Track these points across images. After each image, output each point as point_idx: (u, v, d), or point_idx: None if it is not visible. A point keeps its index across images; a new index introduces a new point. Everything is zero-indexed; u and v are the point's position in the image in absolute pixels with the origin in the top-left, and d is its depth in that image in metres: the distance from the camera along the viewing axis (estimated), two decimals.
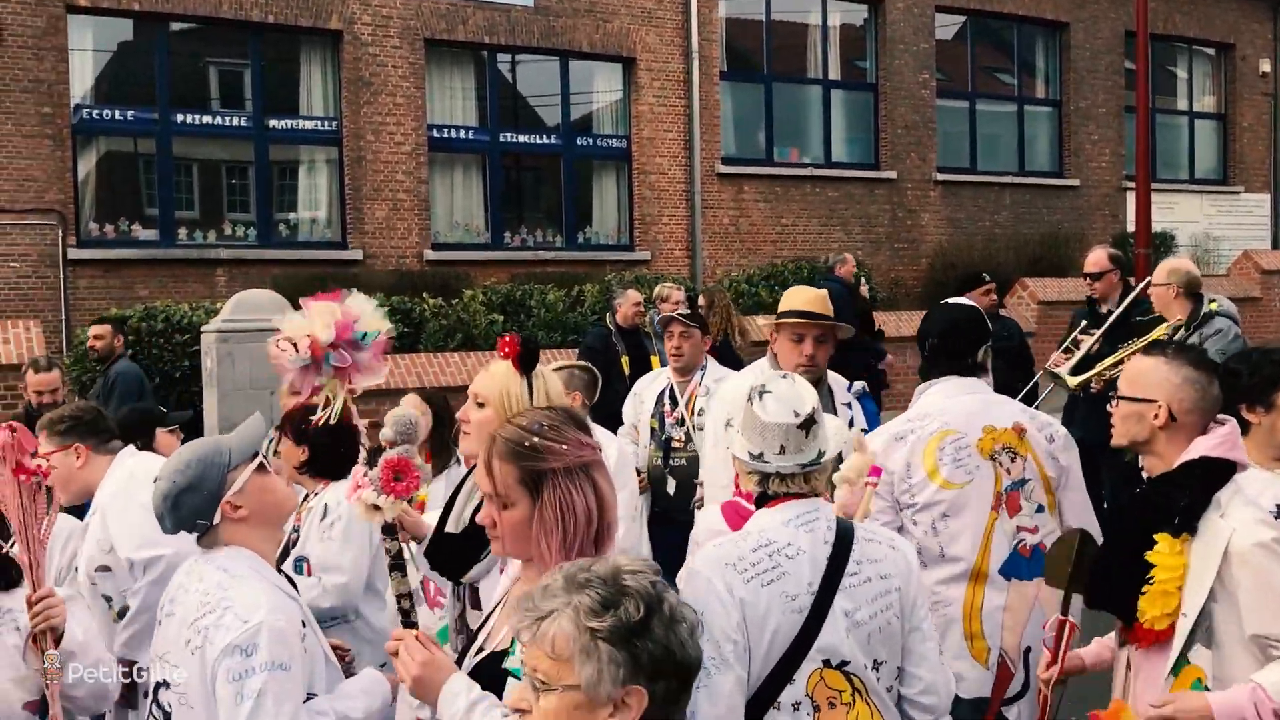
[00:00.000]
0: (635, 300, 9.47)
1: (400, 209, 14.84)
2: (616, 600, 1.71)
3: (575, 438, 2.32)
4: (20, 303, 12.70)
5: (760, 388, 2.72)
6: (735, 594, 2.53)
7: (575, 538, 2.26)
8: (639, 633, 1.69)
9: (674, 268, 16.19)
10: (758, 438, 2.67)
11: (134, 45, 14.10)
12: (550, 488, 2.26)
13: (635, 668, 1.68)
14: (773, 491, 2.69)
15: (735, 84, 17.26)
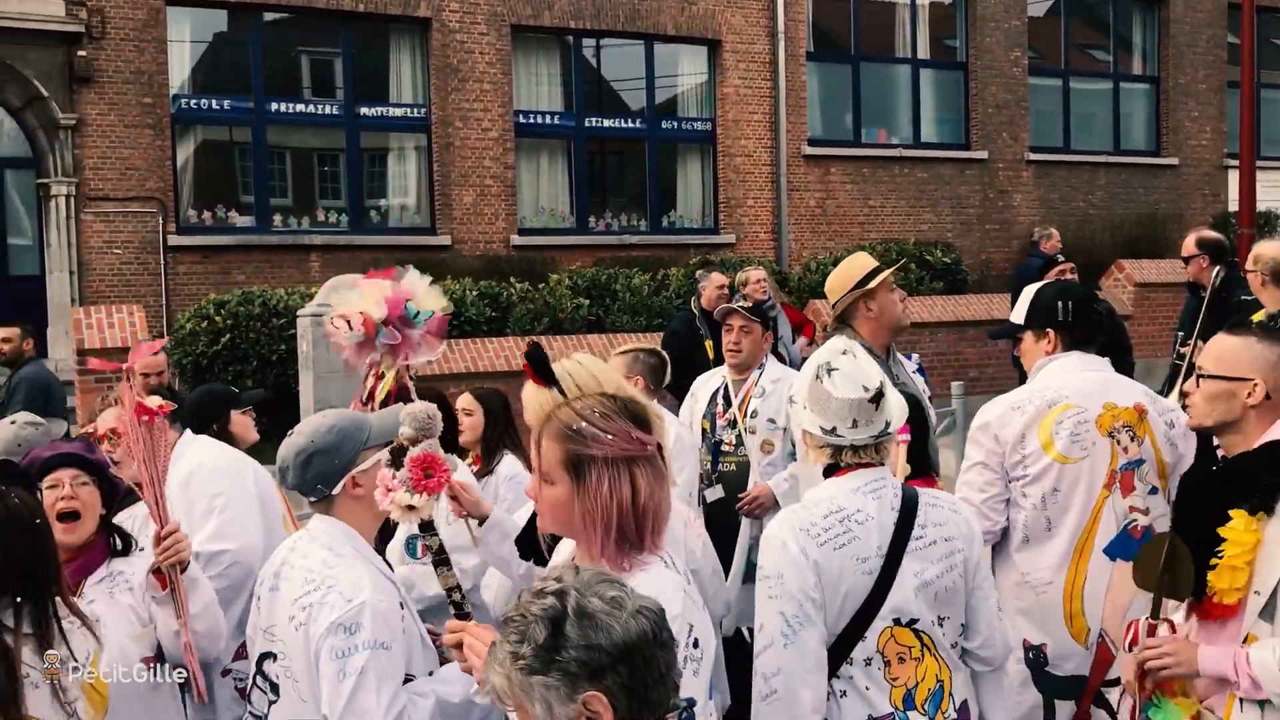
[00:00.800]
0: (719, 283, 9.36)
1: (487, 195, 14.98)
2: (524, 631, 1.70)
3: (624, 429, 2.32)
4: (124, 288, 13.11)
5: (826, 365, 2.83)
6: (810, 557, 2.68)
7: (614, 528, 2.28)
8: (555, 648, 1.68)
9: (759, 251, 16.10)
10: (830, 413, 2.79)
11: (229, 36, 14.43)
12: (592, 475, 2.29)
13: (572, 679, 1.67)
14: (845, 463, 2.82)
15: (822, 64, 17.09)
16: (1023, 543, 3.55)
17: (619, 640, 1.68)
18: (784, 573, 2.68)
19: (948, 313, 13.83)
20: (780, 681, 2.66)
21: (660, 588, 2.22)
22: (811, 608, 2.68)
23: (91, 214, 13.09)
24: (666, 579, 2.27)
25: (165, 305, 13.22)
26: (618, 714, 1.67)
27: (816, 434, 2.82)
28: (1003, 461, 3.55)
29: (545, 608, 1.71)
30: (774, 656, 2.68)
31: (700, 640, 2.24)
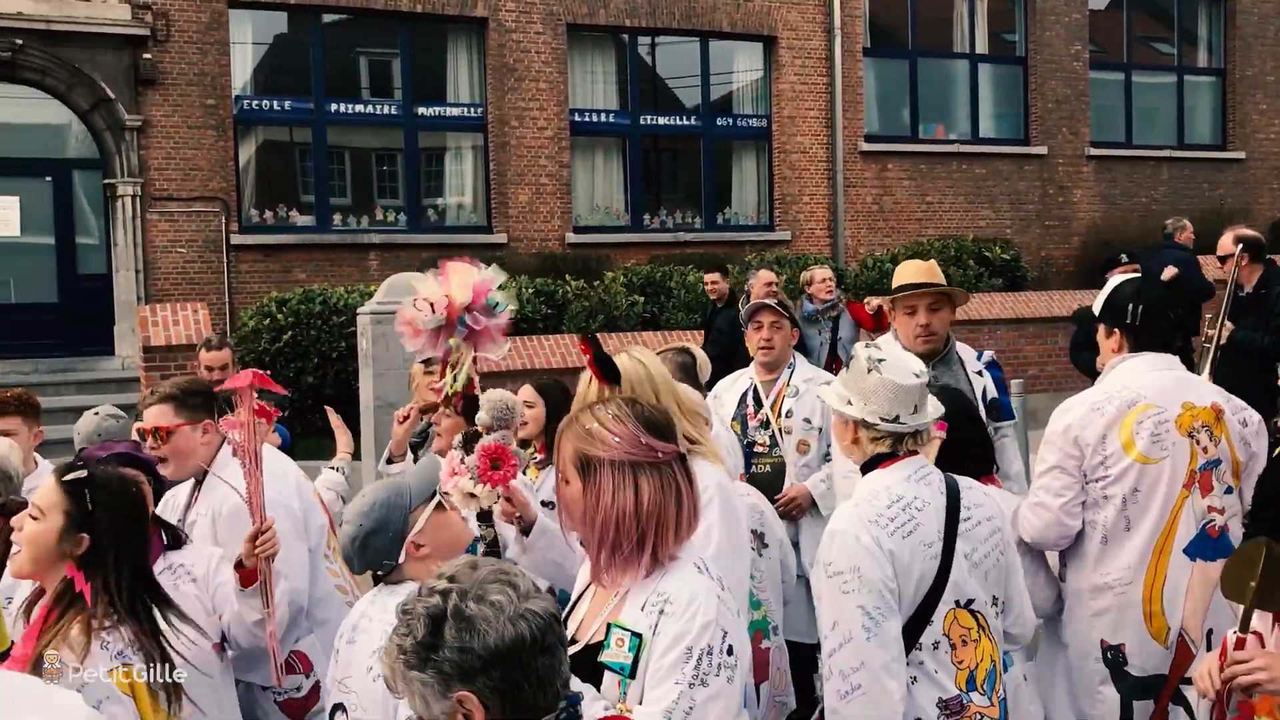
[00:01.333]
0: (766, 280, 9.26)
1: (543, 193, 15.05)
2: (410, 626, 1.74)
3: (632, 434, 2.31)
4: (188, 286, 13.35)
5: (873, 358, 2.89)
6: (884, 547, 2.70)
7: (610, 532, 2.28)
8: (431, 647, 1.72)
9: (815, 247, 16.02)
10: (890, 401, 2.83)
11: (289, 37, 14.63)
12: (598, 476, 2.30)
13: (445, 679, 1.71)
14: (904, 450, 2.87)
15: (878, 60, 16.96)
16: (1101, 544, 3.50)
17: (492, 645, 1.71)
18: (860, 566, 2.69)
19: (1007, 310, 13.67)
20: (864, 676, 2.64)
21: (693, 592, 2.21)
22: (891, 598, 2.69)
23: (156, 214, 13.34)
24: (699, 584, 2.25)
25: (228, 303, 13.45)
26: (490, 714, 1.71)
27: (878, 424, 2.84)
28: (1081, 464, 3.51)
29: (429, 606, 1.74)
30: (854, 652, 2.65)
31: (735, 647, 2.21)
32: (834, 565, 2.73)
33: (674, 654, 2.15)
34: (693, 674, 2.13)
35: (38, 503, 2.74)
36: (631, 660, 2.19)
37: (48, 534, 2.72)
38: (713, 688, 2.14)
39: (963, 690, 2.76)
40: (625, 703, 2.18)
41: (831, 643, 2.71)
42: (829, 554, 2.75)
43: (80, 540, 2.72)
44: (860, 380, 2.87)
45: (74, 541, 2.72)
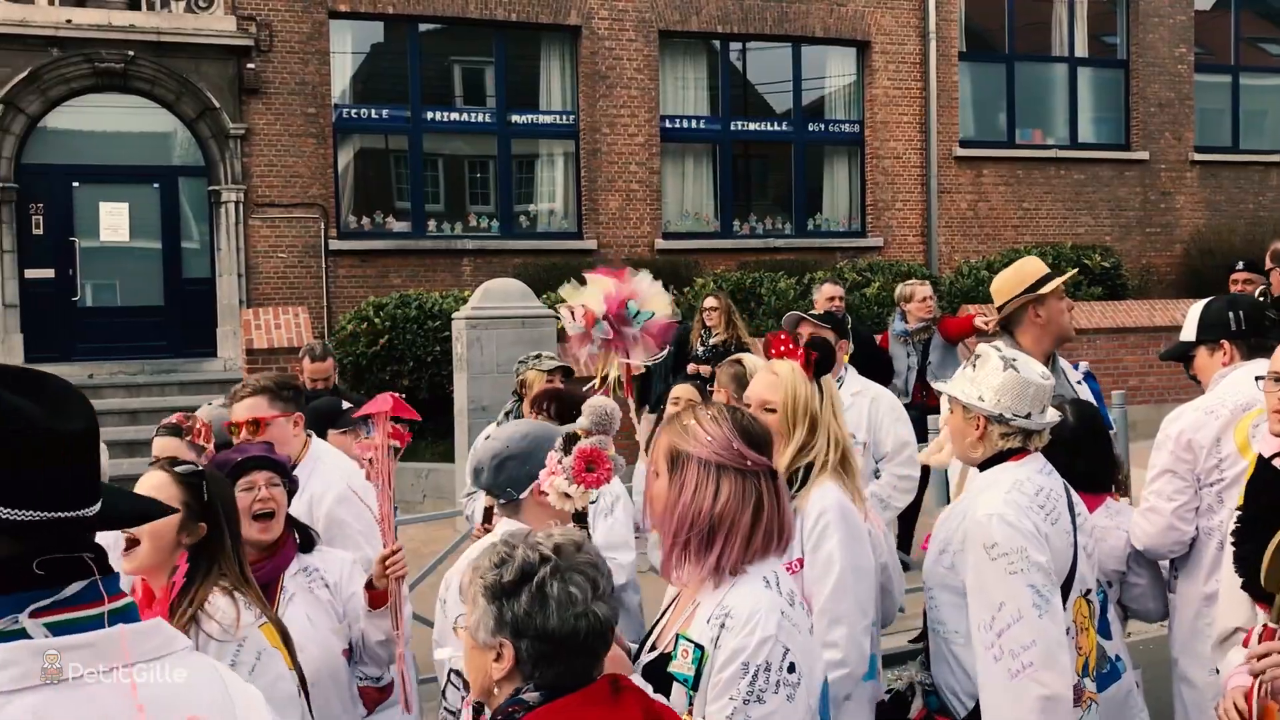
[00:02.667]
0: (829, 294, 8.95)
1: (633, 199, 15.11)
2: (503, 562, 1.93)
3: (725, 437, 2.32)
4: (288, 291, 13.66)
5: (1010, 358, 2.98)
6: (1041, 531, 2.80)
7: (682, 526, 2.28)
8: (508, 593, 1.90)
9: (907, 254, 15.83)
10: (1023, 399, 2.93)
11: (385, 46, 14.89)
12: (683, 470, 2.31)
13: (501, 624, 1.90)
14: (1033, 447, 2.98)
15: (974, 64, 16.71)
16: (1218, 549, 3.42)
17: (551, 628, 1.88)
18: (1024, 546, 2.76)
19: (1107, 319, 13.35)
20: (1037, 653, 2.69)
21: (754, 607, 2.19)
22: (1054, 578, 2.79)
23: (258, 219, 13.68)
24: (762, 599, 2.22)
25: (326, 307, 13.73)
26: (519, 668, 1.90)
27: (1012, 420, 2.93)
28: (1194, 469, 3.49)
29: (526, 561, 1.92)
30: (1026, 629, 2.70)
31: (798, 665, 2.18)
32: (999, 547, 2.77)
33: (731, 669, 2.15)
34: (748, 690, 2.12)
35: (155, 496, 2.74)
36: (694, 673, 2.19)
37: (168, 525, 2.77)
38: (769, 705, 2.12)
39: (1079, 676, 2.85)
40: (691, 715, 2.18)
41: (1000, 623, 2.73)
42: (991, 536, 2.79)
43: (198, 530, 2.79)
44: (994, 377, 2.96)
45: (192, 531, 2.79)
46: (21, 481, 1.39)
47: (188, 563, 2.78)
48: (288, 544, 3.35)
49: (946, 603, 2.98)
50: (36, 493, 1.40)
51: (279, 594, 3.25)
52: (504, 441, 2.99)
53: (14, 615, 1.38)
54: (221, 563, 2.81)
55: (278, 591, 3.26)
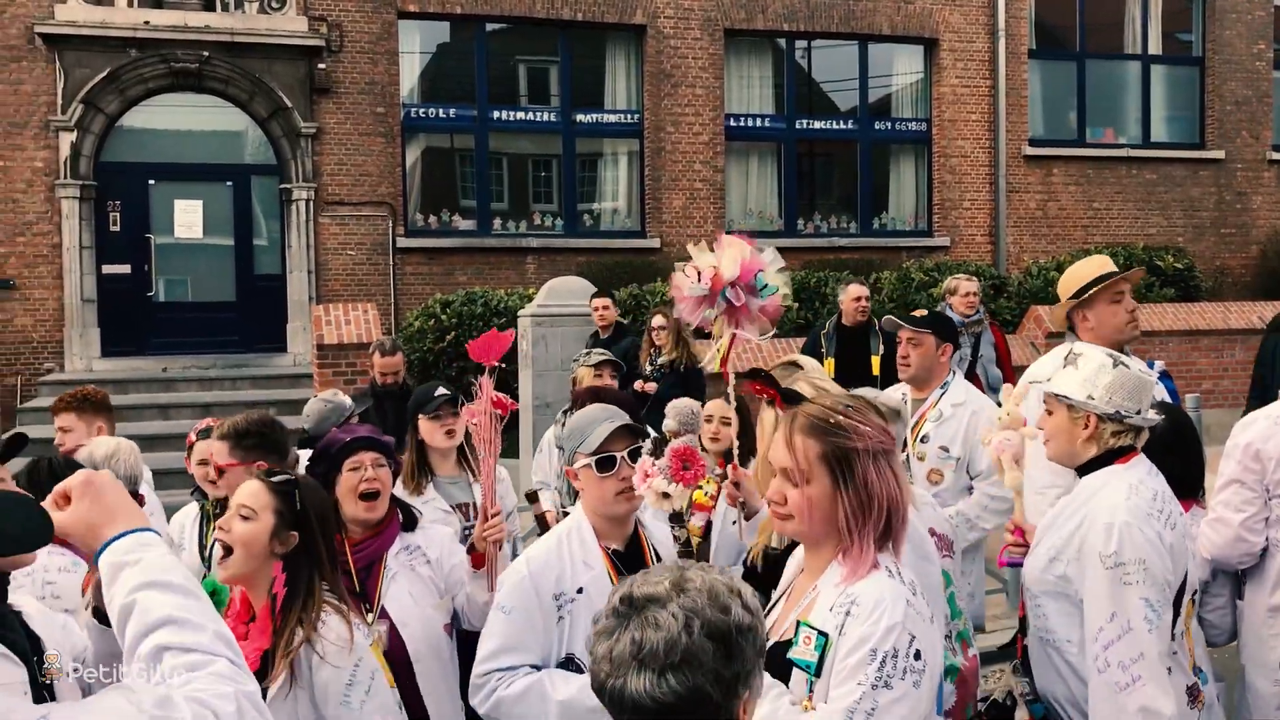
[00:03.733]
0: (855, 295, 8.78)
1: (696, 198, 15.10)
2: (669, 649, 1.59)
3: (878, 423, 2.31)
4: (356, 287, 13.86)
5: (1116, 356, 2.95)
6: (1165, 540, 2.76)
7: (883, 521, 2.26)
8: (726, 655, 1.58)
9: (975, 254, 15.65)
10: (1134, 396, 2.90)
11: (452, 46, 15.03)
12: (858, 468, 2.25)
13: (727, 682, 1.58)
14: (1141, 445, 2.95)
15: (1044, 62, 16.48)
16: None
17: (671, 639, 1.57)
18: (1146, 558, 2.72)
19: (1180, 321, 13.09)
20: (1145, 667, 2.66)
21: (880, 595, 2.19)
22: (1170, 591, 2.75)
23: (328, 217, 13.88)
24: (887, 587, 2.22)
25: (393, 304, 13.89)
26: None
27: (1128, 417, 2.90)
28: (1263, 479, 3.42)
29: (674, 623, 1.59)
30: (1135, 642, 2.68)
31: (924, 652, 2.18)
32: (1116, 556, 2.73)
33: (858, 655, 2.14)
34: (876, 675, 2.12)
35: (248, 503, 2.80)
36: (817, 659, 2.19)
37: (261, 533, 2.79)
38: (896, 691, 2.12)
39: (1188, 676, 2.86)
40: (811, 700, 2.18)
41: (1108, 634, 2.70)
42: (1109, 545, 2.76)
43: (290, 538, 2.81)
44: (1102, 374, 2.92)
45: (285, 540, 2.81)
46: None
47: (285, 573, 2.79)
48: (392, 523, 3.44)
49: (1056, 611, 2.94)
50: None
51: (382, 572, 3.32)
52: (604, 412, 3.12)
53: None
54: (320, 572, 2.85)
55: (381, 570, 3.33)
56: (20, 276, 13.07)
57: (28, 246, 13.07)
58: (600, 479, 2.98)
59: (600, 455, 2.97)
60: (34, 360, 13.03)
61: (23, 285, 13.08)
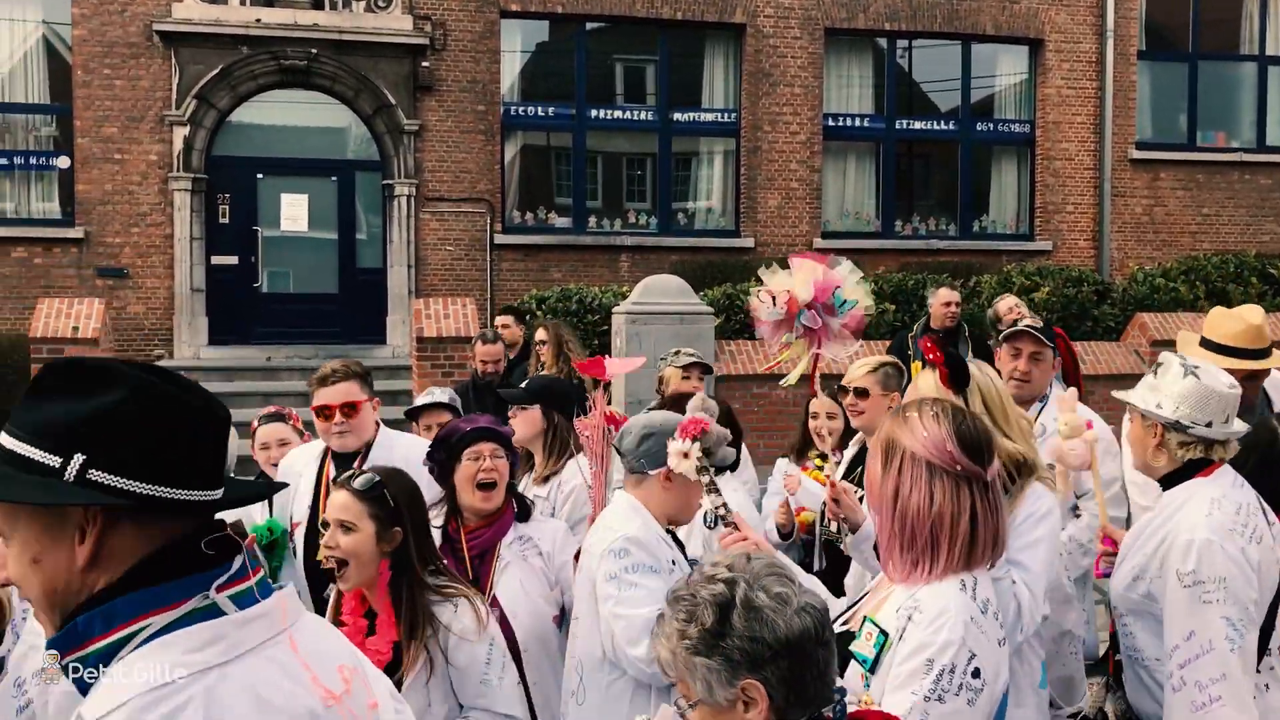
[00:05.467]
0: (945, 299, 8.66)
1: (792, 198, 15.03)
2: (692, 613, 1.77)
3: (940, 437, 2.26)
4: (454, 282, 14.08)
5: (1191, 365, 2.89)
6: (1248, 557, 2.70)
7: (904, 527, 2.23)
8: (720, 634, 1.75)
9: (1077, 259, 15.32)
10: (1204, 407, 2.84)
11: (552, 45, 15.17)
12: (896, 464, 2.28)
13: (733, 666, 1.74)
14: (1217, 457, 2.88)
15: (1154, 63, 16.04)
16: None
17: (781, 636, 1.74)
18: (1227, 577, 2.67)
19: None
20: (1225, 687, 2.62)
21: (943, 607, 2.17)
22: (1253, 610, 2.70)
23: (428, 213, 14.13)
24: (954, 600, 2.19)
25: (489, 299, 14.08)
26: (774, 704, 1.74)
27: (1191, 428, 2.85)
28: None
29: (715, 594, 1.78)
30: (1215, 662, 2.63)
31: (984, 672, 2.14)
32: (1195, 574, 2.69)
33: (914, 662, 2.13)
34: (930, 687, 2.10)
35: (344, 518, 2.86)
36: (874, 656, 2.19)
37: (368, 541, 2.86)
38: (949, 706, 2.10)
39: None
40: (869, 694, 2.18)
41: (1186, 653, 2.66)
42: (1188, 563, 2.71)
43: (394, 535, 2.88)
44: (1174, 384, 2.89)
45: (389, 538, 2.87)
46: (195, 464, 1.47)
47: (390, 570, 2.86)
48: (507, 513, 3.51)
49: (1143, 629, 2.90)
50: (203, 474, 1.48)
51: (495, 562, 3.39)
52: (658, 418, 3.12)
53: (204, 593, 1.45)
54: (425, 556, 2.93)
55: (494, 559, 3.40)
56: (134, 266, 13.54)
57: (141, 237, 13.53)
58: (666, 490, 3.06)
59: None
60: (145, 347, 13.49)
61: (136, 274, 13.55)
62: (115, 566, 1.43)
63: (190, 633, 1.42)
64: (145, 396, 1.44)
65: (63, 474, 1.39)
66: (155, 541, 1.45)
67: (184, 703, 1.37)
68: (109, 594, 1.42)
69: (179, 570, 1.45)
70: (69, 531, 1.42)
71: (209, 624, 1.43)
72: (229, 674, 1.42)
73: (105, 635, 1.41)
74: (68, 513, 1.42)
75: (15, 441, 1.43)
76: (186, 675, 1.39)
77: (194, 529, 1.48)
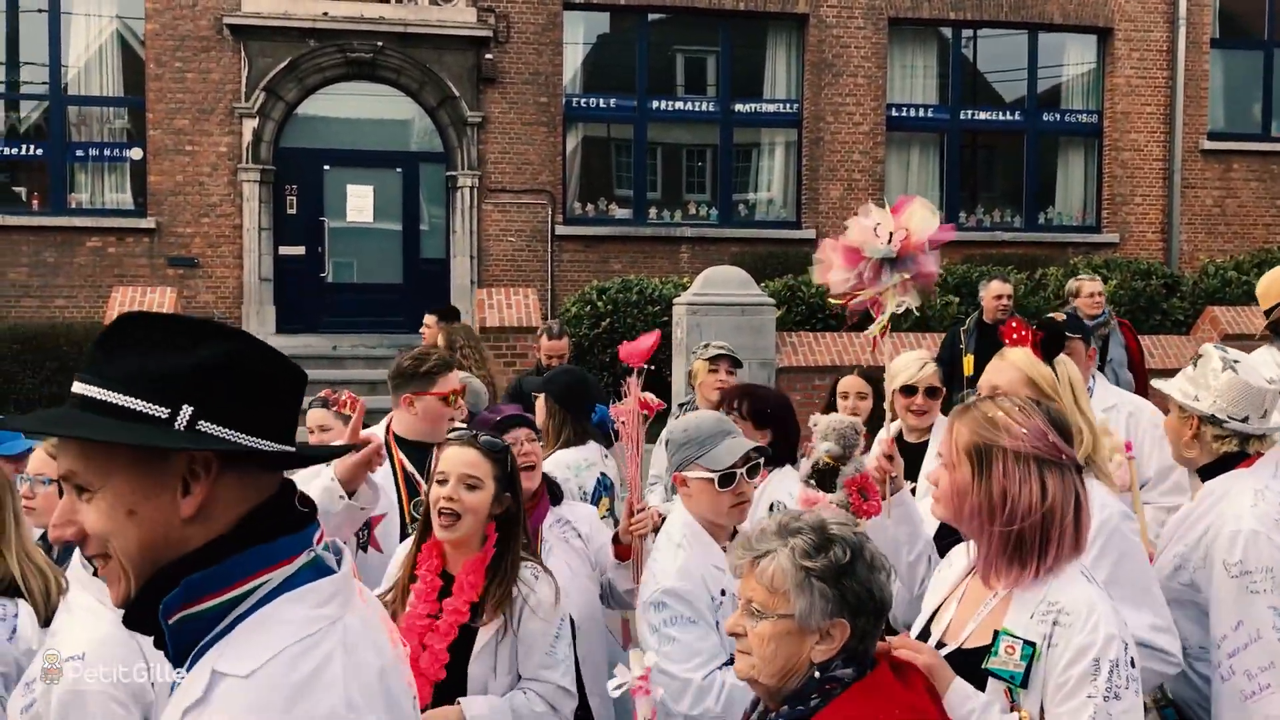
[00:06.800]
0: (997, 293, 8.58)
1: (854, 189, 14.93)
2: (826, 544, 1.94)
3: (1039, 428, 2.22)
4: (515, 273, 14.19)
5: (1231, 359, 2.88)
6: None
7: (1015, 525, 2.17)
8: (846, 573, 1.93)
9: (1146, 251, 15.06)
10: (1241, 401, 2.84)
11: (613, 36, 15.21)
12: (996, 466, 2.20)
13: (841, 603, 1.92)
14: (1253, 451, 2.86)
15: (1227, 52, 15.71)
16: None
17: (880, 600, 1.96)
18: (1273, 566, 2.66)
19: None
20: (1274, 675, 2.61)
21: (1091, 603, 2.14)
22: None
23: (491, 204, 14.25)
24: (1094, 594, 2.17)
25: (550, 290, 14.17)
26: (845, 649, 1.94)
27: (1227, 421, 2.84)
28: None
29: (847, 537, 1.97)
30: (1264, 651, 2.62)
31: (1135, 660, 2.13)
32: (1242, 564, 2.67)
33: (1081, 666, 2.09)
34: (1106, 687, 2.07)
35: (473, 473, 2.92)
36: (1024, 670, 2.12)
37: (487, 500, 2.91)
38: (1125, 701, 2.08)
39: None
40: (1016, 709, 2.13)
41: (1234, 642, 2.65)
42: (1234, 553, 2.70)
43: (505, 500, 2.95)
44: (1212, 377, 2.88)
45: (502, 502, 2.94)
46: (287, 420, 1.49)
47: (498, 532, 2.94)
48: (544, 497, 3.57)
49: (1184, 618, 2.86)
50: (292, 430, 1.50)
51: (539, 545, 3.44)
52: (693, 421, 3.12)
53: (309, 549, 1.47)
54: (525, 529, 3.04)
55: (539, 542, 3.45)
56: (204, 255, 13.82)
57: (211, 227, 13.80)
58: (719, 493, 2.96)
59: (724, 472, 2.96)
60: None
61: (206, 264, 13.83)
62: (217, 521, 1.42)
63: (315, 588, 1.44)
64: (248, 350, 1.45)
65: (172, 424, 1.38)
66: (256, 496, 1.45)
67: (330, 652, 1.40)
68: (217, 550, 1.41)
69: (281, 527, 1.46)
70: (171, 483, 1.40)
71: (330, 580, 1.46)
72: (349, 625, 1.46)
73: (222, 592, 1.41)
74: (171, 463, 1.40)
75: (108, 392, 1.39)
76: (320, 629, 1.41)
77: (280, 485, 1.50)
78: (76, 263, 13.57)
